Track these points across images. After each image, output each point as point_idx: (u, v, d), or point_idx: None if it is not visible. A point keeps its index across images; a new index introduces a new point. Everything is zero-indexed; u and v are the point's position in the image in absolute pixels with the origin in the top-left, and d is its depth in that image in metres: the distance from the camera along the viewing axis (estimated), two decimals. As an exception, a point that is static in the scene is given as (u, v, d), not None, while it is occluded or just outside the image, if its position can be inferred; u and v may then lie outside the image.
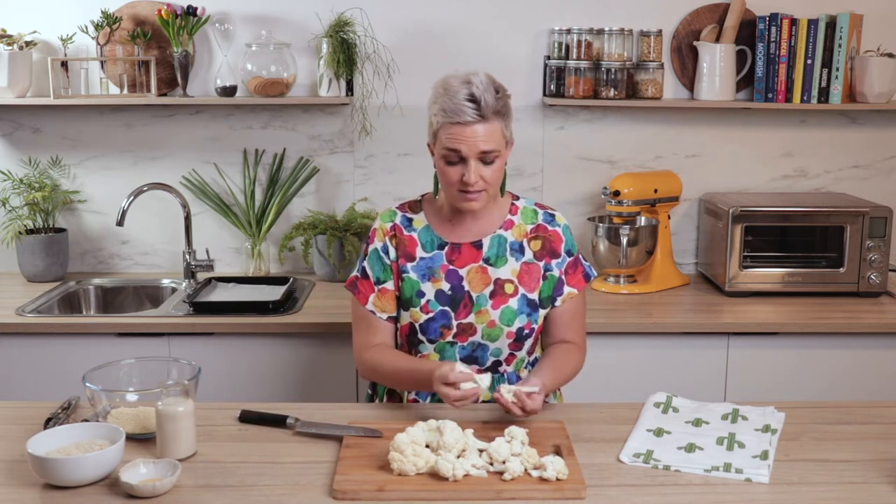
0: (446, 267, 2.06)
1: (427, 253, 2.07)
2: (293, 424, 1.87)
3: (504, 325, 2.04)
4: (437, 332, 2.05)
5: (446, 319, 2.05)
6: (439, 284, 2.06)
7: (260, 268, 3.24)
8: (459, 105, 1.91)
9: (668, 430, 1.87)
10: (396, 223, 2.10)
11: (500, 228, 2.09)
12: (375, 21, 3.11)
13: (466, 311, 2.05)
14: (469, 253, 2.07)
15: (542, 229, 2.10)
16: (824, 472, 1.71)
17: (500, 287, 2.05)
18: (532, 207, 2.13)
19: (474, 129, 1.92)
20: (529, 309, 2.06)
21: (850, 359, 2.83)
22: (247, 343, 2.76)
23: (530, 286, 2.07)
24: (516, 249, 2.08)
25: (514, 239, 2.09)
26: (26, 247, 3.12)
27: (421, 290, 2.06)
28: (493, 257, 2.07)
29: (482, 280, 2.05)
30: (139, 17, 3.13)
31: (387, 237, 2.09)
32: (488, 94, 1.91)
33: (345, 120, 3.24)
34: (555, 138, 3.27)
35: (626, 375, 2.79)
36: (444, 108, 1.93)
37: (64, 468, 1.59)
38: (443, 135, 1.95)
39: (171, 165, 3.25)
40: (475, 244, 2.07)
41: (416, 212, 2.12)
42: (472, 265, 2.06)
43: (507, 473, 1.62)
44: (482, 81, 1.93)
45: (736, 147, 3.30)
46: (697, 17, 3.21)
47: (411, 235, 2.09)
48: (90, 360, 2.13)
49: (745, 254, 3.05)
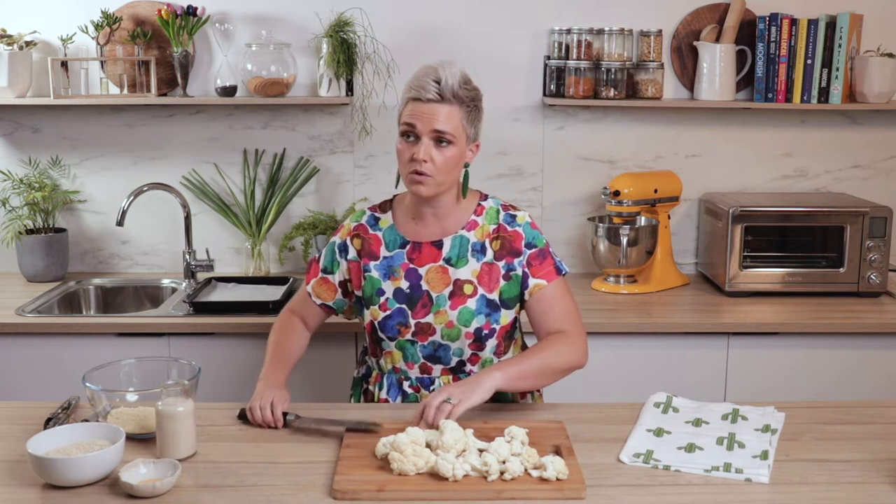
0: (406, 265, 2.07)
1: (389, 252, 2.09)
2: (292, 420, 1.88)
3: (462, 325, 2.04)
4: (394, 330, 2.06)
5: (403, 318, 2.06)
6: (398, 283, 2.07)
7: (260, 268, 3.24)
8: (422, 82, 1.97)
9: (668, 430, 1.87)
10: (362, 223, 2.14)
11: (463, 229, 2.09)
12: (375, 21, 3.11)
13: (425, 311, 2.05)
14: (429, 252, 2.07)
15: (503, 230, 2.09)
16: (824, 472, 1.71)
17: (459, 287, 2.05)
18: (496, 208, 2.12)
19: (432, 107, 1.96)
20: (489, 309, 2.05)
21: (850, 359, 2.83)
22: (247, 343, 2.76)
23: (489, 286, 2.06)
24: (478, 250, 2.08)
25: (476, 239, 2.08)
26: (26, 247, 3.12)
27: (381, 289, 2.08)
28: (454, 258, 2.07)
29: (442, 280, 2.06)
30: (139, 17, 3.13)
31: (349, 236, 2.14)
32: (453, 79, 1.96)
33: (345, 120, 3.24)
34: (555, 138, 3.27)
35: (626, 375, 2.79)
36: (410, 86, 2.00)
37: (64, 468, 1.59)
38: (404, 112, 2.01)
39: (171, 165, 3.25)
40: (436, 244, 2.08)
41: (384, 211, 2.15)
42: (432, 265, 2.07)
43: (507, 473, 1.62)
44: (453, 69, 1.98)
45: (736, 147, 3.30)
46: (697, 17, 3.21)
47: (376, 234, 2.12)
48: (90, 360, 2.13)
49: (745, 254, 3.05)
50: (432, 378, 2.09)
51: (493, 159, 3.26)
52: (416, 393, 2.10)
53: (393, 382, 2.11)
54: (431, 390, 2.09)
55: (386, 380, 2.12)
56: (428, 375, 2.09)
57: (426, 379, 2.09)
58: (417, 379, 2.10)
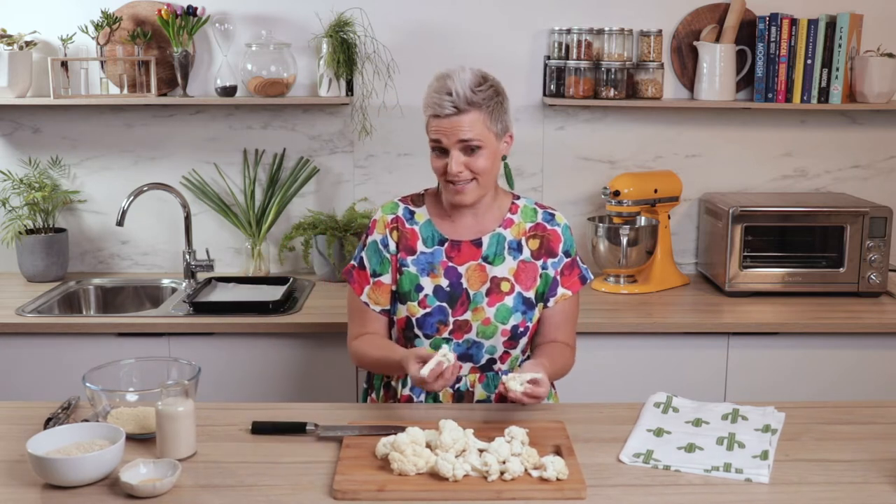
0: (446, 263, 2.07)
1: (428, 248, 2.09)
2: (314, 430, 1.83)
3: (499, 322, 2.05)
4: (433, 328, 2.06)
5: (443, 315, 2.05)
6: (438, 280, 2.06)
7: (260, 268, 3.24)
8: (437, 99, 1.98)
9: (668, 430, 1.87)
10: (399, 215, 2.12)
11: (500, 227, 2.10)
12: (375, 21, 3.11)
13: (463, 309, 2.05)
14: (468, 251, 2.08)
15: (542, 228, 2.11)
16: (824, 472, 1.70)
17: (496, 285, 2.06)
18: (532, 206, 2.14)
19: (451, 120, 1.97)
20: (525, 307, 2.07)
21: (850, 359, 2.83)
22: (247, 343, 2.76)
23: (526, 284, 2.07)
24: (514, 248, 2.09)
25: (512, 237, 2.10)
26: (26, 247, 3.12)
27: (420, 285, 2.07)
28: (491, 255, 2.08)
29: (479, 278, 2.06)
30: (139, 17, 3.13)
31: (387, 229, 2.11)
32: (464, 87, 1.96)
33: (345, 120, 3.24)
34: (555, 138, 3.27)
35: (626, 375, 2.79)
36: (427, 103, 2.01)
37: (64, 468, 1.59)
38: (429, 128, 2.02)
39: (171, 165, 3.25)
40: (475, 242, 2.08)
41: (418, 205, 2.14)
42: (471, 263, 2.07)
43: (508, 473, 1.62)
44: (462, 75, 1.98)
45: (736, 147, 3.30)
46: (697, 17, 3.21)
47: (413, 228, 2.11)
48: (90, 360, 2.13)
49: (745, 254, 3.05)
50: (460, 376, 2.08)
51: (493, 159, 3.26)
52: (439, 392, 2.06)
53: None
54: (456, 388, 2.07)
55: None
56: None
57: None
58: None
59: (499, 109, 2.02)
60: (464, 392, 2.08)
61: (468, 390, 2.08)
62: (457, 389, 2.08)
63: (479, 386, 2.08)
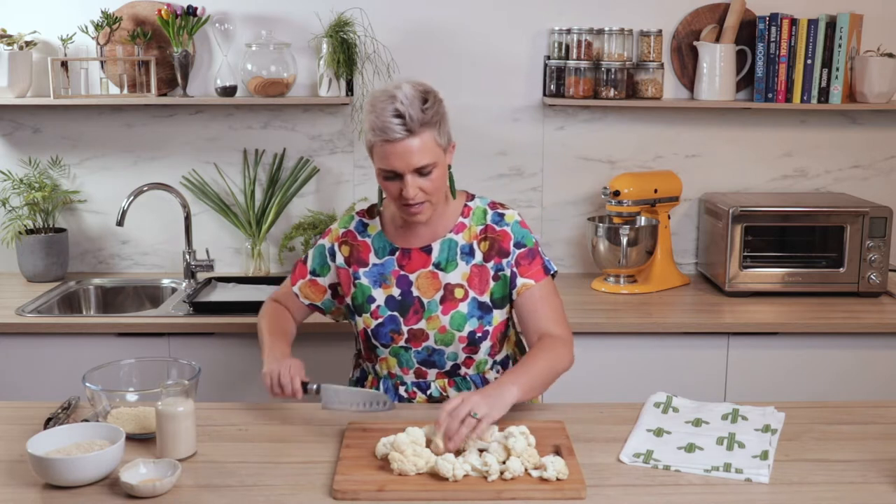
0: (397, 272, 2.06)
1: (379, 259, 2.08)
2: (312, 389, 1.92)
3: (455, 329, 2.03)
4: (388, 338, 2.06)
5: (395, 325, 2.05)
6: (390, 290, 2.06)
7: (260, 268, 3.24)
8: (386, 123, 1.87)
9: (668, 430, 1.87)
10: (350, 229, 2.12)
11: (451, 232, 2.07)
12: (375, 21, 3.11)
13: (417, 317, 2.04)
14: (419, 258, 2.06)
15: (491, 230, 2.07)
16: (824, 472, 1.71)
17: (449, 292, 2.04)
18: (484, 207, 2.10)
19: (404, 144, 1.88)
20: (481, 312, 2.04)
21: (850, 359, 2.83)
22: (247, 343, 2.76)
23: (480, 288, 2.05)
24: (466, 252, 2.06)
25: (464, 242, 2.06)
26: (26, 247, 3.12)
27: (371, 296, 2.07)
28: (443, 262, 2.05)
29: (432, 286, 2.05)
30: (139, 17, 3.13)
31: (336, 242, 2.13)
32: (413, 108, 1.87)
33: (345, 120, 3.24)
34: (555, 138, 3.27)
35: (626, 375, 2.79)
36: (372, 127, 1.90)
37: (64, 468, 1.59)
38: (376, 153, 1.93)
39: (171, 165, 3.25)
40: (424, 249, 2.06)
41: (372, 216, 2.13)
42: (422, 270, 2.06)
43: (508, 473, 1.63)
44: (407, 95, 1.88)
45: (736, 147, 3.30)
46: (697, 17, 3.21)
47: (365, 241, 2.10)
48: (90, 360, 2.13)
49: (745, 254, 3.05)
50: (428, 382, 2.09)
51: (493, 159, 3.26)
52: (412, 398, 2.10)
53: (389, 387, 2.11)
54: (428, 394, 2.09)
55: (382, 384, 2.12)
56: (423, 380, 2.09)
57: (422, 383, 2.09)
58: (413, 384, 2.10)
59: (444, 121, 1.96)
60: (437, 398, 2.08)
61: (441, 395, 2.08)
62: (429, 395, 2.09)
63: (451, 390, 2.09)
